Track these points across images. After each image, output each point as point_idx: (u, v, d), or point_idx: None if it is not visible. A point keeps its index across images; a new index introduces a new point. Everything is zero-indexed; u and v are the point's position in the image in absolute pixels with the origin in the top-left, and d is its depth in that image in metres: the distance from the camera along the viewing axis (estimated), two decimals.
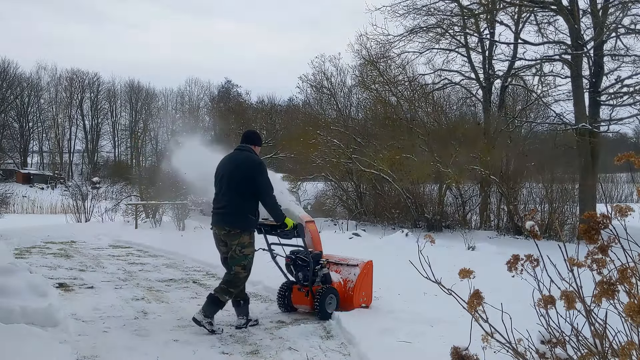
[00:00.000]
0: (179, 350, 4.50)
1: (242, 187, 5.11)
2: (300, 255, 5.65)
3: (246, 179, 5.11)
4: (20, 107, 55.62)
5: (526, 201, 15.63)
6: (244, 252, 5.12)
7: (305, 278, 5.58)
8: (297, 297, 5.77)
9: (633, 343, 1.69)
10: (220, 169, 5.33)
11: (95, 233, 13.50)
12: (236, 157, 5.31)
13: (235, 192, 5.12)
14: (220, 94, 50.16)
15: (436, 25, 18.37)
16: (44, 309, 4.89)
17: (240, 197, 5.11)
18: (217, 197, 5.28)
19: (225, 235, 5.14)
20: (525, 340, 1.96)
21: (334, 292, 5.57)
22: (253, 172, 5.12)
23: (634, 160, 1.81)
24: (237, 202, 5.10)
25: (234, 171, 5.18)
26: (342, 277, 5.82)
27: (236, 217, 5.11)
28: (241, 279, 5.18)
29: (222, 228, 5.15)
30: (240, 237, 5.11)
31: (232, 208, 5.12)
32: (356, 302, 5.70)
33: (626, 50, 16.47)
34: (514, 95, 21.57)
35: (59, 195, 29.84)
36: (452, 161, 15.49)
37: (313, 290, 5.58)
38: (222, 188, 5.24)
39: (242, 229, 5.11)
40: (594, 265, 1.81)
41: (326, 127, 20.16)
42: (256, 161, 5.24)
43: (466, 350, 1.96)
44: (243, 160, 5.23)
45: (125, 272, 8.40)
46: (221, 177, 5.26)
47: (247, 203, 5.13)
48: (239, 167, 5.19)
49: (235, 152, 5.41)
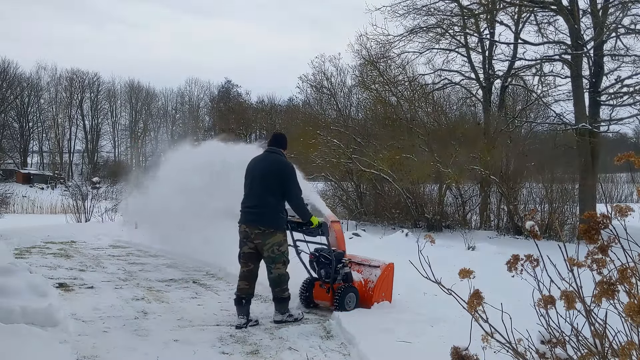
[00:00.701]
0: (179, 350, 4.50)
1: (273, 187, 5.30)
2: (323, 253, 5.84)
3: (277, 180, 5.31)
4: (20, 107, 55.63)
5: (526, 201, 15.62)
6: (281, 250, 5.36)
7: (327, 275, 5.78)
8: (318, 293, 5.96)
9: (633, 343, 1.69)
10: (250, 169, 5.51)
11: (95, 233, 13.49)
12: (267, 159, 5.50)
13: (267, 192, 5.31)
14: (220, 94, 50.25)
15: (436, 25, 18.36)
16: (44, 309, 4.89)
17: (272, 197, 5.31)
18: (247, 196, 5.44)
19: (259, 235, 5.29)
20: (525, 340, 1.96)
21: (354, 291, 5.75)
22: (284, 173, 5.35)
23: (634, 160, 1.81)
24: (269, 202, 5.29)
25: (266, 172, 5.37)
26: (363, 276, 5.99)
27: (269, 216, 5.30)
28: (285, 274, 5.42)
29: (255, 227, 5.30)
30: (274, 236, 5.31)
31: (264, 208, 5.30)
32: (375, 301, 5.85)
33: (626, 50, 16.47)
34: (514, 95, 21.56)
35: (59, 195, 29.83)
36: (452, 161, 15.49)
37: (334, 287, 5.75)
38: (252, 188, 5.40)
39: (275, 228, 5.32)
40: (594, 265, 1.81)
41: (326, 127, 20.15)
42: (287, 163, 5.47)
43: (466, 350, 1.96)
44: (274, 161, 5.44)
45: (125, 272, 8.40)
46: (252, 178, 5.44)
47: (278, 202, 5.35)
48: (270, 168, 5.38)
49: (265, 154, 5.60)
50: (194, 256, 9.20)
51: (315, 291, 5.99)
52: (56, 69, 64.55)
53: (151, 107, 61.35)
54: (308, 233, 5.82)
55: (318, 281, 5.96)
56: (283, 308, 5.42)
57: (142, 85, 60.58)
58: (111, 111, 61.27)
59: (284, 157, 5.57)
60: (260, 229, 5.27)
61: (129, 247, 11.69)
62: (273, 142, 5.64)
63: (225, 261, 8.44)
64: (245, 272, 5.46)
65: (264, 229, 5.27)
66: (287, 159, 5.66)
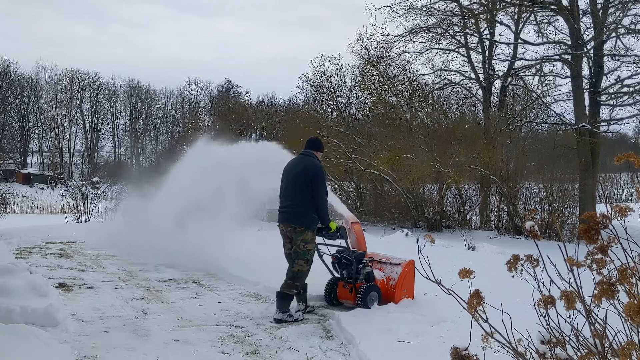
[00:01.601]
0: (179, 350, 4.50)
1: (304, 188, 5.64)
2: (344, 254, 6.08)
3: (308, 181, 5.64)
4: (20, 107, 55.56)
5: (526, 201, 15.64)
6: (307, 247, 5.64)
7: (349, 275, 6.01)
8: (342, 292, 6.17)
9: (633, 343, 1.69)
10: (285, 171, 5.91)
11: (96, 233, 13.47)
12: (300, 162, 5.87)
13: (299, 192, 5.65)
14: (220, 94, 50.18)
15: (436, 25, 18.38)
16: (44, 309, 4.89)
17: (303, 197, 5.64)
18: (282, 197, 5.83)
19: (292, 232, 5.63)
20: (525, 340, 1.96)
21: (375, 289, 5.95)
22: (314, 175, 5.67)
23: (634, 160, 1.81)
24: (301, 202, 5.63)
25: (299, 173, 5.71)
26: (385, 274, 6.20)
27: (301, 215, 5.63)
28: (304, 272, 5.67)
29: (288, 225, 5.66)
30: (304, 234, 5.61)
31: (296, 207, 5.65)
32: (398, 298, 6.01)
33: (626, 50, 16.49)
34: (514, 95, 21.58)
35: (59, 195, 29.82)
36: (452, 161, 15.50)
37: (356, 286, 5.95)
38: (287, 188, 5.79)
39: (306, 226, 5.62)
40: (593, 265, 1.81)
41: (326, 127, 20.16)
42: (318, 166, 5.80)
43: (466, 350, 1.96)
44: (307, 164, 5.77)
45: (125, 272, 8.40)
46: (286, 179, 5.84)
47: (309, 203, 5.65)
48: (303, 170, 5.71)
49: (300, 157, 5.98)
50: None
51: (339, 291, 6.22)
52: (56, 69, 64.41)
53: (151, 107, 61.29)
54: (328, 237, 6.07)
55: (341, 281, 6.18)
56: (284, 306, 5.53)
57: (142, 85, 60.55)
58: (111, 111, 61.22)
59: (317, 160, 5.88)
60: (292, 226, 5.64)
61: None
62: (308, 145, 6.00)
63: (229, 261, 8.47)
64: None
65: (296, 227, 5.62)
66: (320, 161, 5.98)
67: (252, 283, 7.29)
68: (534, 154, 17.87)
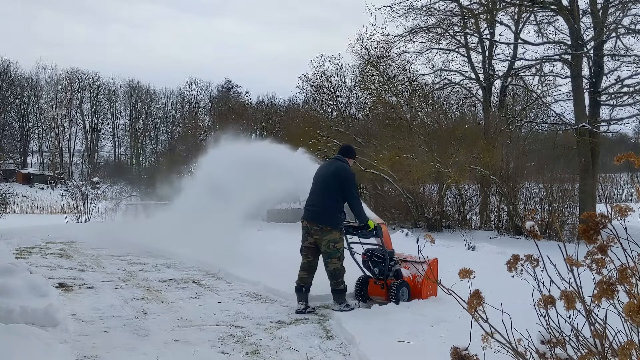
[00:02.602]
0: (179, 350, 4.50)
1: (332, 190, 5.93)
2: (375, 252, 6.34)
3: (338, 185, 5.92)
4: (20, 107, 55.53)
5: (526, 201, 15.63)
6: (336, 247, 5.90)
7: (381, 272, 6.28)
8: (372, 289, 6.41)
9: (633, 343, 1.69)
10: (316, 173, 6.24)
11: (96, 233, 13.48)
12: (332, 165, 6.16)
13: (328, 194, 5.94)
14: (220, 94, 50.14)
15: (436, 25, 18.37)
16: (44, 309, 4.89)
17: (332, 199, 5.92)
18: (311, 196, 6.12)
19: (317, 231, 5.90)
20: (525, 340, 1.96)
21: (406, 286, 6.25)
22: (346, 180, 5.96)
23: (634, 160, 1.81)
24: (329, 203, 5.92)
25: (330, 177, 6.01)
26: (410, 272, 6.48)
27: (327, 215, 5.91)
28: (340, 269, 5.93)
29: (314, 224, 5.93)
30: (331, 234, 5.87)
31: (323, 207, 5.93)
32: (424, 294, 6.29)
33: (626, 50, 16.48)
34: (514, 95, 21.58)
35: (59, 195, 29.84)
36: (452, 161, 15.49)
37: (387, 283, 6.22)
38: (316, 189, 6.09)
39: (332, 226, 5.89)
40: (593, 265, 1.81)
41: (326, 127, 20.16)
42: (348, 170, 6.10)
43: (466, 350, 1.96)
44: (338, 167, 6.08)
45: (125, 272, 8.40)
46: (316, 180, 6.14)
47: (337, 204, 5.95)
48: (334, 173, 6.00)
49: (332, 161, 6.30)
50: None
51: (369, 288, 6.44)
52: (56, 69, 64.42)
53: (151, 107, 61.24)
54: (363, 235, 6.33)
55: (371, 279, 6.43)
56: (340, 299, 5.89)
57: (142, 85, 60.47)
58: (111, 111, 61.18)
59: (347, 165, 6.18)
60: (319, 226, 5.88)
61: (129, 247, 11.67)
62: (341, 151, 6.35)
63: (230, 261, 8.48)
64: (305, 263, 6.05)
65: (322, 227, 5.87)
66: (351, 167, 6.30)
67: (252, 283, 7.30)
68: (534, 154, 17.86)
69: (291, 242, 11.27)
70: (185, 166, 16.06)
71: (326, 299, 6.40)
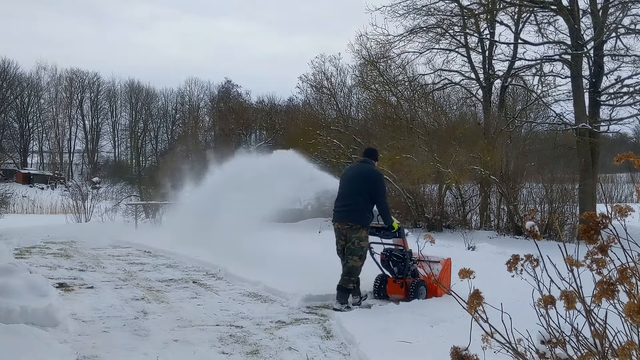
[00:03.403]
0: (179, 350, 4.50)
1: (361, 190, 6.15)
2: (394, 252, 6.61)
3: (367, 186, 6.15)
4: (20, 107, 55.55)
5: (526, 201, 15.62)
6: (361, 245, 6.10)
7: (400, 272, 6.54)
8: (391, 287, 6.65)
9: (633, 343, 1.69)
10: (346, 175, 6.52)
11: (95, 233, 13.49)
12: (361, 167, 6.44)
13: (356, 193, 6.15)
14: (220, 94, 50.13)
15: (436, 25, 18.36)
16: (44, 309, 4.89)
17: (361, 199, 6.12)
18: (340, 197, 6.33)
19: (348, 230, 6.11)
20: (525, 340, 1.96)
21: (424, 284, 6.51)
22: (374, 181, 6.21)
23: (634, 160, 1.81)
24: (359, 203, 6.11)
25: (358, 178, 6.26)
26: (426, 271, 6.68)
27: (357, 214, 6.11)
28: (358, 267, 6.12)
29: (345, 223, 6.15)
30: (359, 232, 6.09)
31: (353, 207, 6.13)
32: (439, 292, 6.50)
33: (626, 50, 16.46)
34: (514, 95, 21.55)
35: (59, 195, 29.85)
36: (452, 161, 15.48)
37: (406, 282, 6.48)
38: (344, 190, 6.32)
39: (362, 225, 6.11)
40: (593, 265, 1.81)
41: (326, 127, 20.14)
42: (377, 173, 6.38)
43: (466, 350, 1.96)
44: (366, 170, 6.33)
45: (125, 272, 8.40)
46: (344, 182, 6.39)
47: (366, 204, 6.14)
48: (362, 175, 6.27)
49: (359, 163, 6.59)
50: None
51: (388, 286, 6.66)
52: (56, 69, 64.41)
53: (151, 107, 61.25)
54: (385, 236, 6.59)
55: (389, 277, 6.67)
56: (343, 298, 5.98)
57: (142, 85, 60.49)
58: (111, 111, 61.20)
59: (374, 167, 6.45)
60: (349, 225, 6.12)
61: (129, 247, 11.69)
62: (366, 154, 6.61)
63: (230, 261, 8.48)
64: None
65: (352, 224, 6.10)
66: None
67: (252, 283, 7.30)
68: (534, 154, 17.84)
69: (291, 242, 11.34)
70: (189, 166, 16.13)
71: (326, 299, 6.41)
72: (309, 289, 6.50)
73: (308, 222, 17.28)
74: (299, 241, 11.61)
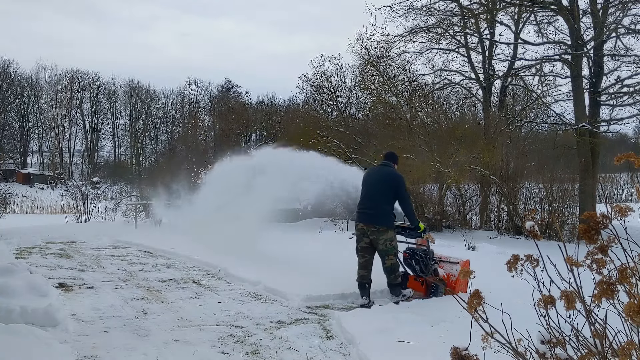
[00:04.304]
0: (179, 350, 4.50)
1: (386, 193, 6.38)
2: (417, 251, 6.85)
3: (390, 188, 6.38)
4: (20, 107, 55.57)
5: (526, 201, 15.60)
6: (392, 244, 6.37)
7: (422, 270, 6.77)
8: (413, 285, 6.89)
9: (633, 343, 1.69)
10: (366, 178, 6.71)
11: (95, 233, 13.50)
12: (382, 171, 6.66)
13: (381, 196, 6.39)
14: (220, 94, 50.17)
15: (436, 25, 18.34)
16: (44, 309, 4.89)
17: (386, 202, 6.37)
18: (363, 200, 6.55)
19: (374, 232, 6.34)
20: (525, 340, 1.96)
21: (443, 283, 6.72)
22: (397, 184, 6.42)
23: (634, 160, 1.81)
24: (383, 206, 6.36)
25: (380, 181, 6.48)
26: (445, 271, 6.88)
27: (382, 217, 6.35)
28: (396, 263, 6.44)
29: (371, 225, 6.36)
30: (387, 233, 6.33)
31: (378, 209, 6.36)
32: (457, 291, 6.48)
33: (626, 50, 16.45)
34: (514, 95, 21.54)
35: (59, 195, 29.81)
36: (452, 161, 15.48)
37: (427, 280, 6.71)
38: (368, 193, 6.52)
39: (387, 226, 6.36)
40: (593, 265, 1.81)
41: (326, 127, 20.14)
42: (399, 176, 6.58)
43: (466, 350, 1.96)
44: (388, 173, 6.56)
45: (125, 272, 8.40)
46: (367, 185, 6.58)
47: (389, 206, 6.40)
48: (385, 178, 6.48)
49: (381, 167, 6.80)
50: None
51: (409, 284, 6.86)
52: (56, 69, 64.54)
53: (151, 107, 61.29)
54: (409, 235, 6.84)
55: (411, 275, 6.92)
56: (397, 291, 6.38)
57: (142, 85, 60.54)
58: (111, 111, 61.23)
59: (395, 169, 6.67)
60: (375, 227, 6.32)
61: (129, 247, 11.69)
62: (386, 157, 6.85)
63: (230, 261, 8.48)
64: (363, 262, 6.44)
65: (379, 227, 6.31)
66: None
67: (252, 283, 7.29)
68: (534, 154, 17.83)
69: (291, 242, 11.33)
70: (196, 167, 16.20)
71: (326, 299, 6.42)
72: (309, 289, 6.51)
73: (308, 222, 17.27)
74: (299, 241, 11.61)
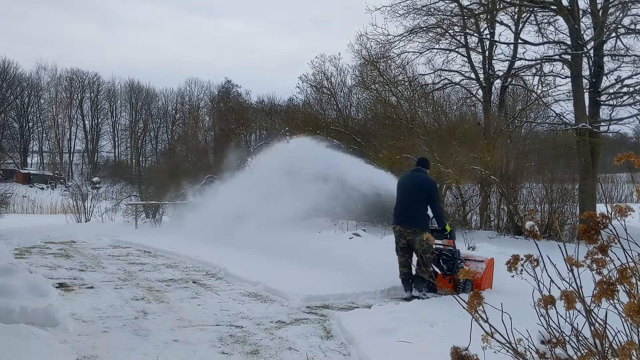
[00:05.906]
0: (179, 350, 4.50)
1: (420, 197, 6.89)
2: (444, 251, 7.28)
3: (423, 192, 6.89)
4: (20, 107, 55.56)
5: (526, 201, 15.60)
6: (429, 243, 6.70)
7: (449, 269, 7.18)
8: (441, 282, 7.25)
9: (633, 343, 1.69)
10: (401, 183, 7.24)
11: (95, 233, 13.50)
12: (416, 176, 7.14)
13: (416, 200, 6.91)
14: (220, 94, 50.14)
15: (436, 25, 18.34)
16: (44, 309, 4.89)
17: (421, 206, 6.89)
18: (401, 204, 7.06)
19: (411, 234, 6.83)
20: (525, 340, 1.96)
21: (470, 281, 7.01)
22: (430, 188, 6.96)
23: (634, 160, 1.81)
24: (419, 210, 6.89)
25: (416, 186, 6.99)
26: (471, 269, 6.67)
27: (418, 220, 6.88)
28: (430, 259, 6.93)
29: (408, 227, 6.87)
30: (422, 234, 6.75)
31: (413, 212, 6.88)
32: (483, 288, 7.01)
33: (626, 50, 16.45)
34: (514, 95, 21.54)
35: (59, 195, 29.82)
36: (452, 161, 15.47)
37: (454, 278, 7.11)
38: (403, 197, 7.06)
39: (423, 228, 6.86)
40: (593, 265, 1.81)
41: (326, 127, 20.14)
42: (431, 180, 7.17)
43: (466, 350, 1.96)
44: (421, 177, 7.08)
45: (125, 272, 8.40)
46: (403, 189, 7.11)
47: (423, 209, 6.91)
48: (422, 184, 6.97)
49: (414, 172, 7.25)
50: None
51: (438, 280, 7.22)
52: (56, 69, 64.57)
53: (151, 107, 61.28)
54: (437, 237, 7.19)
55: (438, 273, 7.27)
56: (420, 287, 6.82)
57: (142, 85, 60.52)
58: (111, 111, 61.23)
59: (428, 175, 7.18)
60: (412, 229, 6.83)
61: (129, 247, 11.69)
62: (419, 163, 7.35)
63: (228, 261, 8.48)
64: (403, 261, 6.95)
65: (415, 229, 6.81)
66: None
67: (252, 283, 7.30)
68: (534, 154, 17.83)
69: (291, 242, 11.31)
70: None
71: (326, 299, 6.41)
72: (309, 289, 6.51)
73: (308, 222, 17.26)
74: (299, 240, 11.61)
